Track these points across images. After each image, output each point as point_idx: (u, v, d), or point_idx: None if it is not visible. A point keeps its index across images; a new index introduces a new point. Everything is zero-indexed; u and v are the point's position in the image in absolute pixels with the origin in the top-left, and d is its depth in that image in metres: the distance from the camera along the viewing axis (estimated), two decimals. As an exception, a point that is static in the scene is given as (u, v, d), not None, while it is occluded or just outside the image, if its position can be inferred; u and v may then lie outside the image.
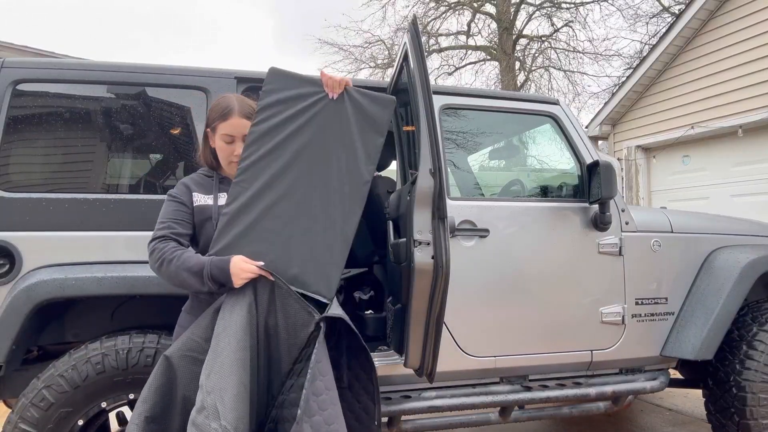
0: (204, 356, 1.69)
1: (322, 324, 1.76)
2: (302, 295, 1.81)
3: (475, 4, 15.02)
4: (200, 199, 1.92)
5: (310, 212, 1.88)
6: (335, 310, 1.82)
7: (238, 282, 1.72)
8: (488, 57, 15.79)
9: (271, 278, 1.77)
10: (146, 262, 1.94)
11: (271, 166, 1.88)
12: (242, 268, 1.73)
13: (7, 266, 2.23)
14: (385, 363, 2.55)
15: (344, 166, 1.94)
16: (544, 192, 3.25)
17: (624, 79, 9.32)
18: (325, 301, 1.84)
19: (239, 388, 1.60)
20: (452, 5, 15.22)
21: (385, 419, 2.56)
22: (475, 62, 16.03)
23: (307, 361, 1.75)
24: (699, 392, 3.16)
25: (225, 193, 1.93)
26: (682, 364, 3.21)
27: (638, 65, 8.38)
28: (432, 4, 15.10)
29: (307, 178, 1.90)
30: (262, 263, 1.76)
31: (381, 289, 3.11)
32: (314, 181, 1.91)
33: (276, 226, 1.84)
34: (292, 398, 1.77)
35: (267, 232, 1.84)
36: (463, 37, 15.64)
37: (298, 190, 1.89)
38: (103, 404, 2.20)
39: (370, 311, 2.98)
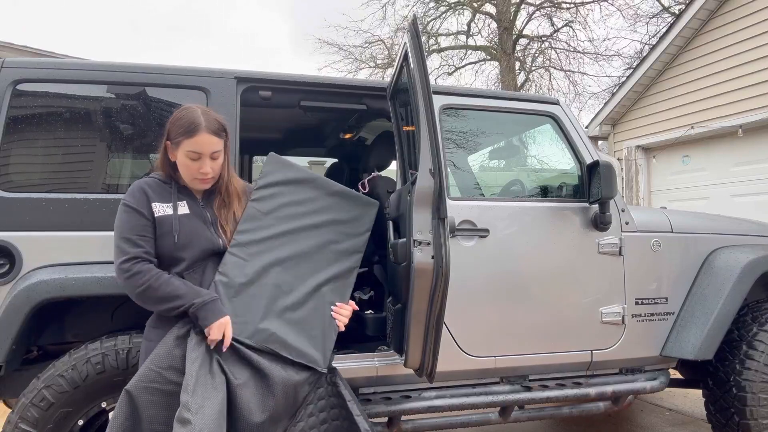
0: (165, 386, 1.70)
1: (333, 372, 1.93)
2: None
3: (475, 4, 15.02)
4: (160, 209, 1.82)
5: (302, 288, 1.97)
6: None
7: (213, 332, 1.73)
8: (488, 57, 15.80)
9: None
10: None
11: (270, 249, 1.95)
12: (225, 328, 1.75)
13: (7, 266, 2.23)
14: (385, 363, 2.55)
15: (333, 252, 2.07)
16: (544, 192, 3.25)
17: (624, 79, 9.32)
18: (321, 370, 1.91)
19: (221, 406, 1.65)
20: (452, 5, 15.23)
21: (385, 419, 2.56)
22: (475, 62, 16.05)
23: (318, 402, 1.89)
24: (699, 392, 3.16)
25: (184, 202, 1.87)
26: (682, 364, 3.21)
27: (638, 65, 8.38)
28: (432, 4, 15.13)
29: (302, 257, 2.00)
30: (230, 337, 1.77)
31: (381, 289, 3.10)
32: (308, 260, 2.02)
33: (274, 295, 1.91)
34: None
35: (266, 300, 1.90)
36: (463, 37, 15.66)
37: (294, 269, 1.97)
38: (103, 404, 2.20)
39: (370, 311, 2.98)
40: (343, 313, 1.99)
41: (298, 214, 2.03)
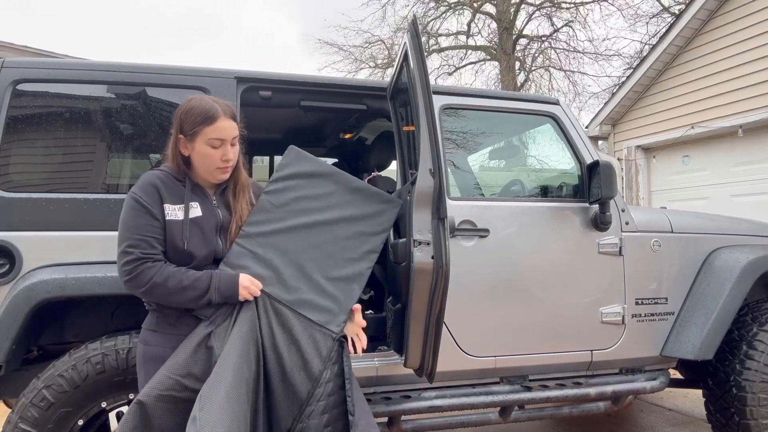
0: (182, 394, 1.66)
1: (341, 340, 1.85)
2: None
3: (475, 4, 15.02)
4: (171, 213, 1.75)
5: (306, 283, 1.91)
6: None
7: (244, 294, 1.74)
8: (488, 57, 15.80)
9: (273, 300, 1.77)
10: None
11: (279, 243, 1.90)
12: (250, 282, 1.76)
13: (7, 266, 2.23)
14: (385, 363, 2.55)
15: (347, 250, 1.98)
16: (544, 192, 3.25)
17: (624, 79, 9.32)
18: (333, 335, 1.85)
19: (232, 425, 1.57)
20: (452, 5, 15.23)
21: (385, 419, 2.56)
22: (475, 62, 16.05)
23: (327, 384, 1.80)
24: (699, 392, 3.16)
25: (196, 203, 1.80)
26: (682, 364, 3.21)
27: (638, 65, 8.38)
28: (432, 4, 15.13)
29: (312, 253, 1.94)
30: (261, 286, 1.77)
31: (381, 289, 3.11)
32: (318, 257, 1.94)
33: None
34: (313, 424, 1.78)
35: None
36: (463, 37, 15.66)
37: (300, 264, 1.91)
38: (103, 404, 2.20)
39: (370, 311, 2.99)
40: (360, 340, 1.95)
41: (312, 209, 1.96)
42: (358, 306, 1.95)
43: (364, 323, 1.96)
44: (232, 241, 1.87)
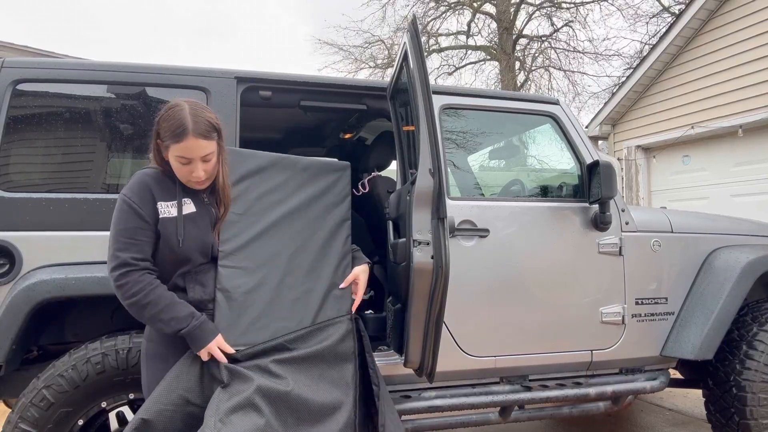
0: (184, 408, 1.66)
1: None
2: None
3: (475, 4, 15.02)
4: (165, 210, 1.74)
5: (304, 278, 1.94)
6: None
7: (203, 355, 1.71)
8: (488, 57, 15.80)
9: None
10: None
11: (260, 249, 1.89)
12: (217, 350, 1.72)
13: (7, 266, 2.23)
14: (385, 363, 2.55)
15: (323, 228, 2.02)
16: (544, 192, 3.25)
17: (624, 79, 9.31)
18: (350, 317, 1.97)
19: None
20: (452, 5, 15.22)
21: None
22: (475, 62, 16.04)
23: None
24: (699, 392, 3.16)
25: (189, 199, 1.79)
26: (682, 364, 3.21)
27: (638, 65, 8.37)
28: (432, 4, 15.12)
29: (294, 244, 1.95)
30: (233, 351, 1.74)
31: (381, 289, 3.11)
32: (301, 246, 1.96)
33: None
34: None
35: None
36: (463, 37, 15.65)
37: (290, 259, 1.93)
38: (103, 404, 2.20)
39: (370, 311, 2.98)
40: (356, 290, 2.02)
41: (276, 202, 1.94)
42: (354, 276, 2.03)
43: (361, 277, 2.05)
44: None
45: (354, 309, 2.01)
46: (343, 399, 1.82)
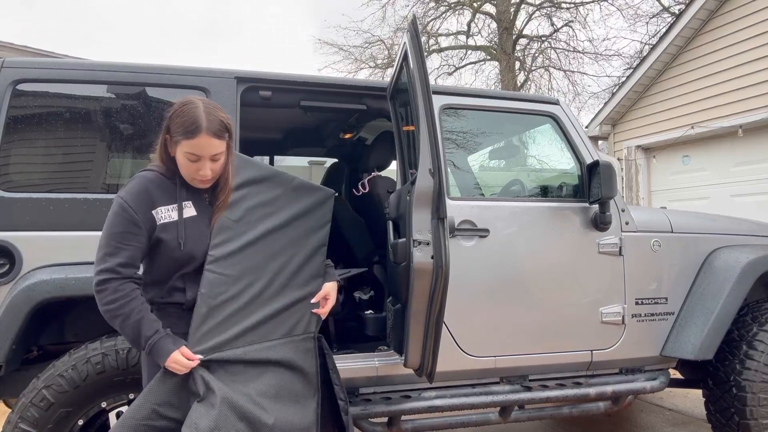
0: (158, 422, 1.66)
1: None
2: None
3: (475, 4, 15.02)
4: (164, 215, 1.73)
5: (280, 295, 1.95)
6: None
7: (171, 366, 1.69)
8: (488, 57, 15.80)
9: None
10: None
11: (246, 259, 1.89)
12: (180, 361, 1.69)
13: (7, 266, 2.23)
14: (385, 363, 2.55)
15: (302, 250, 2.02)
16: (544, 192, 3.25)
17: (624, 79, 9.32)
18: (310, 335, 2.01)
19: None
20: (452, 5, 15.23)
21: (385, 419, 2.56)
22: (475, 62, 16.04)
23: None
24: (699, 392, 3.16)
25: (190, 202, 1.79)
26: (682, 364, 3.21)
27: (638, 65, 8.37)
28: (432, 4, 15.12)
29: (276, 261, 1.96)
30: (200, 357, 1.72)
31: (381, 289, 3.11)
32: (282, 264, 1.96)
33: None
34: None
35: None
36: (463, 37, 15.65)
37: (271, 274, 1.93)
38: (103, 404, 2.20)
39: (370, 311, 2.98)
40: (325, 306, 2.02)
41: (267, 215, 1.95)
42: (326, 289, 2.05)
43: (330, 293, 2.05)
44: None
45: (320, 320, 2.04)
46: (304, 420, 1.86)
